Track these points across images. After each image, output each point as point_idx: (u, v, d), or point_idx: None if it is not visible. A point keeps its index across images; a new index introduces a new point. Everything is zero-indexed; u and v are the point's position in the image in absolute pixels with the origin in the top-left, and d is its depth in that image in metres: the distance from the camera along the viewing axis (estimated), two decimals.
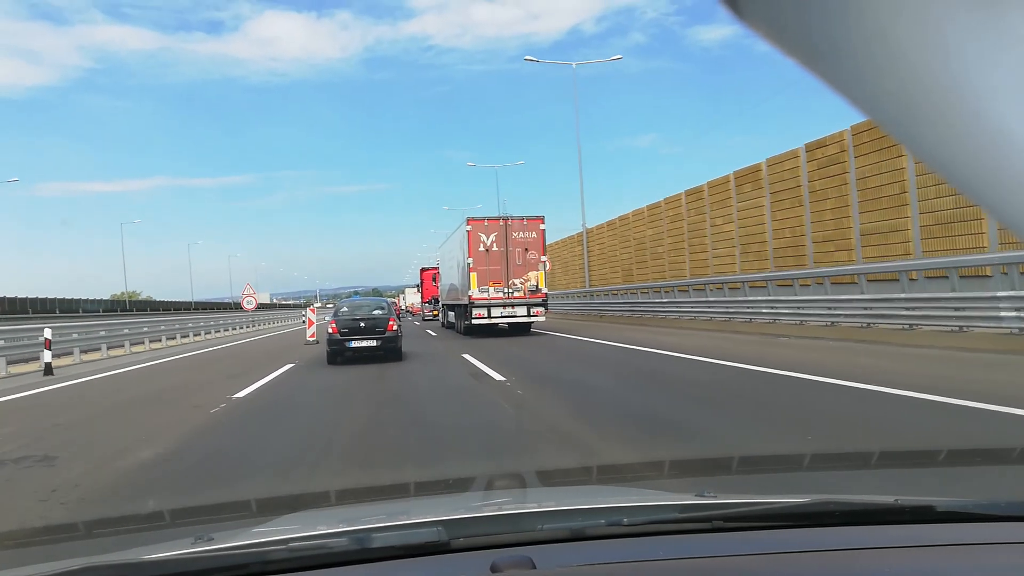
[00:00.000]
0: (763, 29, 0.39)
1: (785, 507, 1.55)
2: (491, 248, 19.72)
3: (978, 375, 7.70)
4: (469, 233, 19.87)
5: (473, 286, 19.48)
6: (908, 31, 0.35)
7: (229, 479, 4.56)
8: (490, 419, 6.47)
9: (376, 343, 13.04)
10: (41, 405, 9.15)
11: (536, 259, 19.82)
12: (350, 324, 13.14)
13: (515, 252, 19.77)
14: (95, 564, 1.30)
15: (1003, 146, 0.35)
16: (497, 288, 19.57)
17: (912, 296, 12.58)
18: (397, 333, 13.40)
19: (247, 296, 26.49)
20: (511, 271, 19.64)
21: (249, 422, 7.01)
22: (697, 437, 5.31)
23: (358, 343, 13.01)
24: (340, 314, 13.74)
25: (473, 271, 19.56)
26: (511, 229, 19.87)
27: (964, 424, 5.21)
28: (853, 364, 9.08)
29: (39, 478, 4.75)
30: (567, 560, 1.30)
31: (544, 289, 19.86)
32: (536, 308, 19.77)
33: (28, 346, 14.83)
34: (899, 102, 0.37)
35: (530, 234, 19.92)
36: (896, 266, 13.54)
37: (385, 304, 14.67)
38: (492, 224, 20.01)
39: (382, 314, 13.70)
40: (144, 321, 23.56)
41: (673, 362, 10.83)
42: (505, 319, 19.69)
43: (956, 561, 1.27)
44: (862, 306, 13.71)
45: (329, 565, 1.30)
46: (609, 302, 28.93)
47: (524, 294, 19.58)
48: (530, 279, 19.77)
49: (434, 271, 37.84)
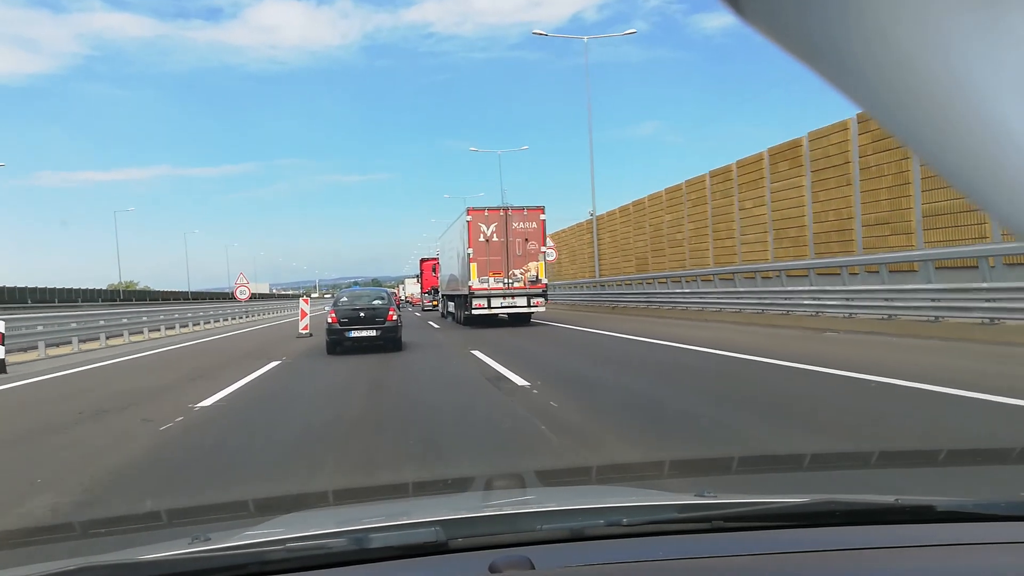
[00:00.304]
0: (763, 26, 0.40)
1: (785, 507, 1.58)
2: (491, 238, 20.10)
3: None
4: (469, 223, 20.27)
5: (473, 276, 19.95)
6: (909, 30, 0.36)
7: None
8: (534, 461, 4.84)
9: (376, 333, 13.41)
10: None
11: (536, 249, 20.31)
12: (350, 314, 13.53)
13: (515, 242, 20.18)
14: (92, 564, 1.33)
15: (1004, 146, 0.36)
16: (497, 278, 20.00)
17: (994, 286, 11.01)
18: (397, 323, 13.77)
19: (240, 286, 25.88)
20: (511, 261, 20.09)
21: (203, 448, 5.68)
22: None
23: (358, 333, 13.37)
24: (340, 304, 14.14)
25: (473, 261, 20.01)
26: (511, 219, 20.33)
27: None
28: (937, 365, 8.10)
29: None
30: (566, 560, 1.32)
31: (544, 280, 20.47)
32: (536, 299, 20.36)
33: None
34: (900, 101, 0.38)
35: (530, 224, 20.34)
36: (973, 251, 11.85)
37: (385, 294, 14.98)
38: (492, 214, 20.45)
39: (382, 304, 14.03)
40: (124, 312, 22.11)
41: (741, 364, 9.47)
42: (505, 309, 20.25)
43: (956, 561, 1.31)
44: (929, 297, 12.66)
45: (327, 565, 1.33)
46: (623, 292, 28.31)
47: (524, 284, 20.08)
48: (530, 269, 20.18)
49: (434, 262, 37.99)
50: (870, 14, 0.36)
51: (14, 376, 11.92)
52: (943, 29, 0.35)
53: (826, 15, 0.37)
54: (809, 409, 6.09)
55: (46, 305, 41.46)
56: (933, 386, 6.46)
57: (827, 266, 16.07)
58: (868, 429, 5.26)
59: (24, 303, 41.35)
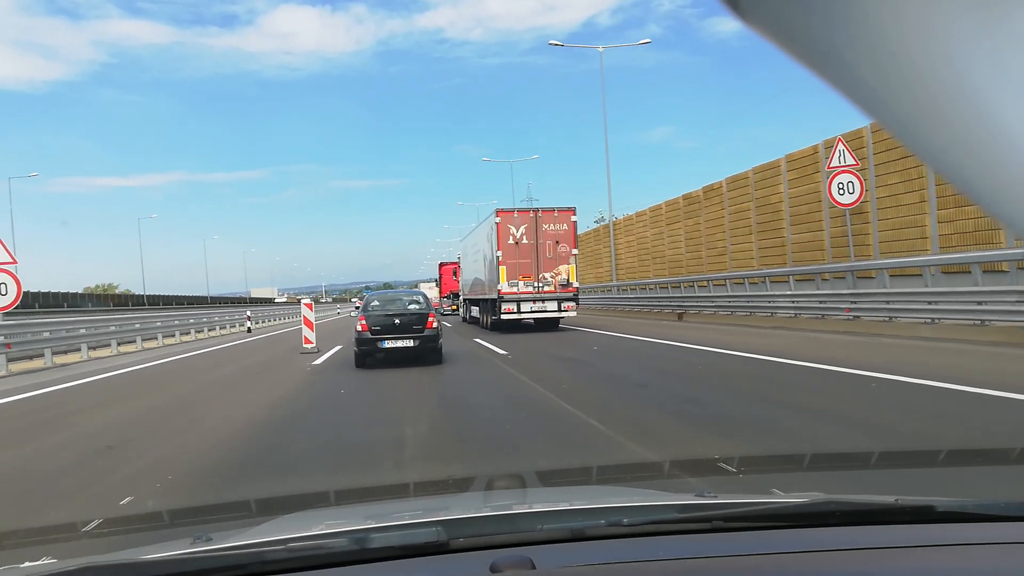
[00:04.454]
0: (767, 31, 0.40)
1: (785, 507, 1.59)
2: (521, 241, 19.55)
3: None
4: (498, 225, 19.74)
5: (502, 280, 19.37)
6: (911, 35, 0.36)
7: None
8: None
9: (413, 343, 11.44)
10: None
11: (568, 252, 19.70)
12: (383, 321, 11.54)
13: (546, 245, 19.56)
14: (94, 564, 1.33)
15: (1007, 149, 0.36)
16: (527, 282, 19.40)
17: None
18: (437, 331, 11.75)
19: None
20: (541, 264, 19.52)
21: None
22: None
23: (392, 343, 11.41)
24: (370, 309, 12.04)
25: (502, 264, 19.45)
26: (542, 221, 19.75)
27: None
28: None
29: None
30: (567, 560, 1.32)
31: (575, 283, 19.81)
32: (567, 303, 19.70)
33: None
34: (903, 105, 0.39)
35: (561, 226, 19.77)
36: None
37: (421, 297, 12.85)
38: (522, 216, 19.99)
39: (419, 309, 11.98)
40: (84, 321, 19.25)
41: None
42: (535, 314, 19.66)
43: (956, 561, 1.31)
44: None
45: (328, 565, 1.33)
46: (657, 296, 26.47)
47: (555, 288, 19.48)
48: (561, 273, 19.54)
49: (454, 265, 37.60)
50: (873, 18, 0.36)
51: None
52: (946, 32, 0.35)
53: (829, 19, 0.37)
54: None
55: (55, 310, 41.63)
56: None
57: (903, 265, 14.13)
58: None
59: (32, 308, 41.44)
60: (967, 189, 0.40)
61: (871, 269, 15.37)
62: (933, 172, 10.85)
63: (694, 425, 5.82)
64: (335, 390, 8.93)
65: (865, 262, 15.97)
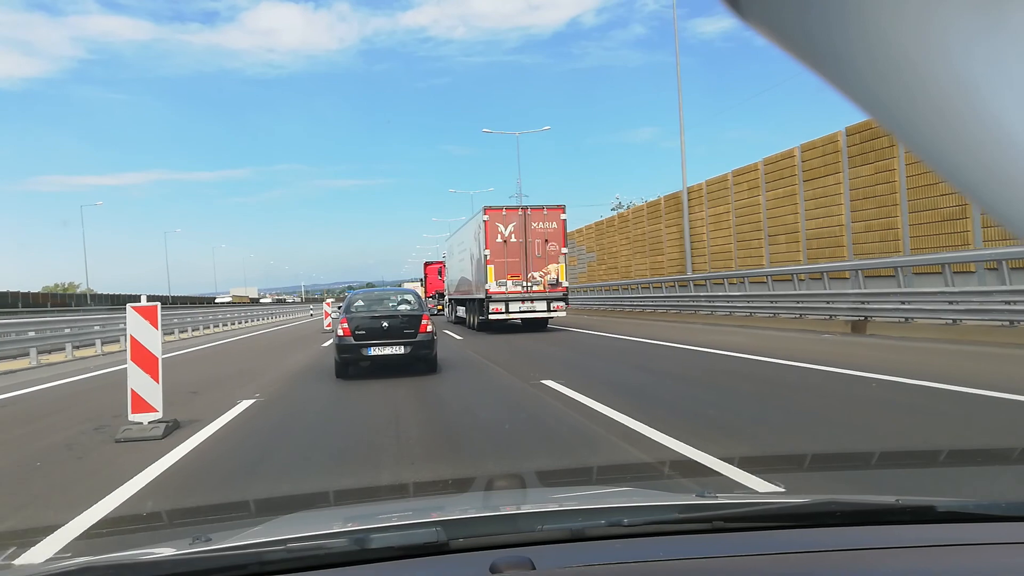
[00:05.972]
0: (763, 27, 0.40)
1: (785, 507, 1.59)
2: (509, 239, 19.11)
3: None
4: (486, 223, 19.19)
5: (490, 279, 18.88)
6: (910, 32, 0.36)
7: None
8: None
9: (404, 350, 9.90)
10: None
11: (557, 251, 19.30)
12: (368, 324, 9.94)
13: (535, 243, 19.17)
14: (93, 564, 1.34)
15: (1005, 147, 0.36)
16: (515, 281, 18.96)
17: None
18: (432, 336, 10.21)
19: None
20: (530, 263, 19.11)
21: None
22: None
23: (380, 350, 9.84)
24: (354, 310, 10.42)
25: (490, 263, 18.96)
26: (530, 219, 19.29)
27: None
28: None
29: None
30: (567, 561, 1.32)
31: (565, 283, 19.44)
32: (556, 303, 19.34)
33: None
34: (900, 103, 0.38)
35: (550, 224, 19.36)
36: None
37: (413, 296, 11.15)
38: (511, 213, 19.45)
39: (411, 310, 10.42)
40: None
41: None
42: (524, 314, 19.21)
43: (956, 561, 1.31)
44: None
45: (328, 566, 1.33)
46: (691, 295, 23.03)
47: (544, 288, 19.10)
48: (550, 272, 19.16)
49: (439, 265, 36.86)
50: (871, 15, 0.36)
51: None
52: (944, 30, 0.35)
53: (826, 16, 0.37)
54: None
55: (39, 309, 41.73)
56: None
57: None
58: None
59: (15, 307, 41.48)
60: (966, 189, 0.40)
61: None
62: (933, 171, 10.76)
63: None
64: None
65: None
